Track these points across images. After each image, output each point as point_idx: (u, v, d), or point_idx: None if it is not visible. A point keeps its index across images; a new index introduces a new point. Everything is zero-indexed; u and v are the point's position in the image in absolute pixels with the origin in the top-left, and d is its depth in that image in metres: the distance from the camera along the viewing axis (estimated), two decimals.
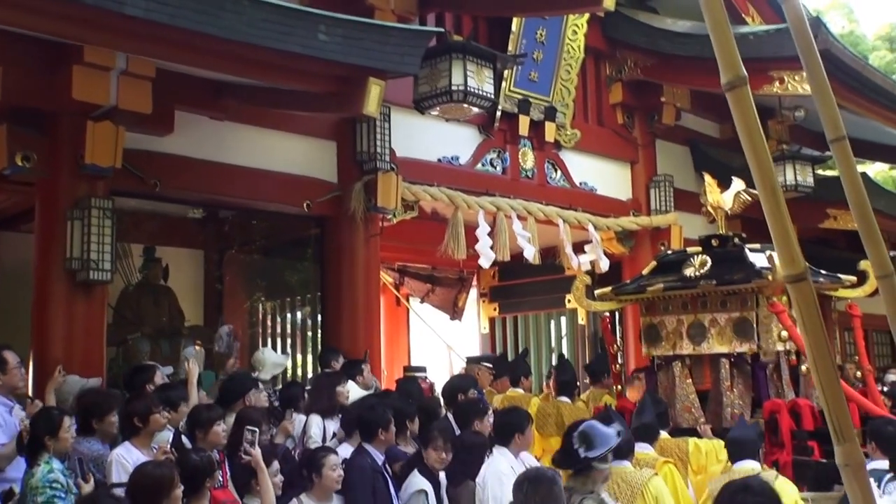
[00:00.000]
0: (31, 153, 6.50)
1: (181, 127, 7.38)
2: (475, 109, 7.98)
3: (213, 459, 4.65)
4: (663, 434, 6.36)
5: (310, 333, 10.13)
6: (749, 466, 4.75)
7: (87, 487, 4.73)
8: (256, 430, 5.10)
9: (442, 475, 5.78)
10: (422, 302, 13.66)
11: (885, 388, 10.06)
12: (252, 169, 8.08)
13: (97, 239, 6.50)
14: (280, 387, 8.04)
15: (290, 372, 10.10)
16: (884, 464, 4.77)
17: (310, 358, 10.02)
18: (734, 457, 4.99)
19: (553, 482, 3.20)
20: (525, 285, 12.40)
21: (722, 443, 6.42)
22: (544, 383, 10.87)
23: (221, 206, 9.05)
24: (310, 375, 9.75)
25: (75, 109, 6.35)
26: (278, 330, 10.68)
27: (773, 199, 1.38)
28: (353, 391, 7.14)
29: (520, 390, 8.50)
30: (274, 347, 10.41)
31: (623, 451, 5.23)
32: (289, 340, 10.55)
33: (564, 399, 8.01)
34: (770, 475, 4.64)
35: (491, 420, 6.35)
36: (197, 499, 4.42)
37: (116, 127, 6.51)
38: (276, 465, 5.09)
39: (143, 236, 9.30)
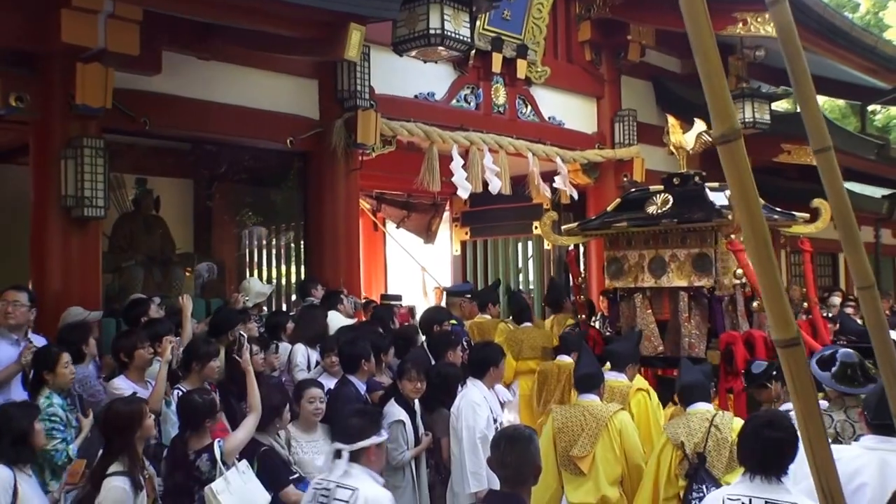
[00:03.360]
0: (24, 94, 6.34)
1: (169, 67, 7.20)
2: (452, 52, 7.82)
3: (215, 401, 4.67)
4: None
5: (294, 259, 10.10)
6: (704, 408, 4.70)
7: (87, 422, 4.73)
8: (245, 335, 5.31)
9: (417, 403, 5.84)
10: (398, 227, 13.65)
11: (830, 314, 10.17)
12: (237, 107, 7.93)
13: (90, 177, 6.39)
14: (266, 314, 8.02)
15: (275, 296, 10.10)
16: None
17: (294, 282, 10.01)
18: (687, 401, 4.80)
19: (530, 441, 3.17)
20: (495, 211, 12.37)
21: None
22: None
23: (208, 143, 8.88)
24: (293, 298, 9.76)
25: (65, 51, 6.15)
26: (264, 256, 10.64)
27: (765, 253, 1.29)
28: (336, 319, 7.16)
29: (487, 316, 8.53)
30: (260, 272, 10.40)
31: (590, 384, 5.23)
32: (274, 266, 10.52)
33: (526, 325, 8.05)
34: (727, 416, 4.64)
35: (463, 350, 6.40)
36: (198, 436, 4.49)
37: (105, 68, 6.33)
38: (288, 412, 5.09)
39: (135, 168, 9.14)
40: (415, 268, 13.92)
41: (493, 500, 3.15)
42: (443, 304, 10.56)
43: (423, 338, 7.16)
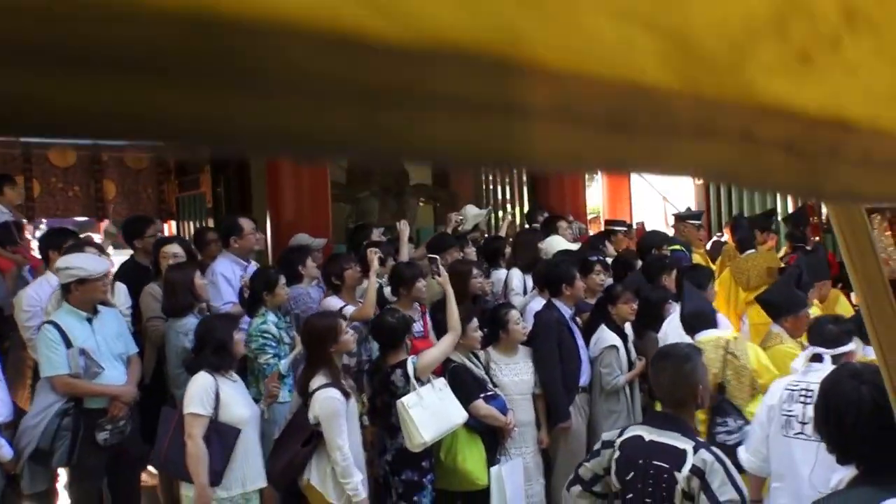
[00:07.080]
0: None
1: None
2: None
3: (408, 319, 4.82)
4: None
5: (525, 186, 10.15)
6: (714, 335, 4.46)
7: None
8: (436, 257, 5.42)
9: (628, 327, 5.71)
10: None
11: None
12: None
13: None
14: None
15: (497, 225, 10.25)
16: None
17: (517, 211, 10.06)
18: (694, 329, 4.57)
19: (685, 360, 2.93)
20: None
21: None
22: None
23: None
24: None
25: None
26: (492, 188, 10.77)
27: None
28: (556, 243, 7.08)
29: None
30: (490, 203, 10.55)
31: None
32: (507, 195, 10.62)
33: (750, 252, 7.48)
34: (741, 342, 4.51)
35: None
36: (395, 352, 4.66)
37: None
38: (475, 321, 5.13)
39: None
40: (656, 196, 13.49)
41: (652, 420, 3.01)
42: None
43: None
